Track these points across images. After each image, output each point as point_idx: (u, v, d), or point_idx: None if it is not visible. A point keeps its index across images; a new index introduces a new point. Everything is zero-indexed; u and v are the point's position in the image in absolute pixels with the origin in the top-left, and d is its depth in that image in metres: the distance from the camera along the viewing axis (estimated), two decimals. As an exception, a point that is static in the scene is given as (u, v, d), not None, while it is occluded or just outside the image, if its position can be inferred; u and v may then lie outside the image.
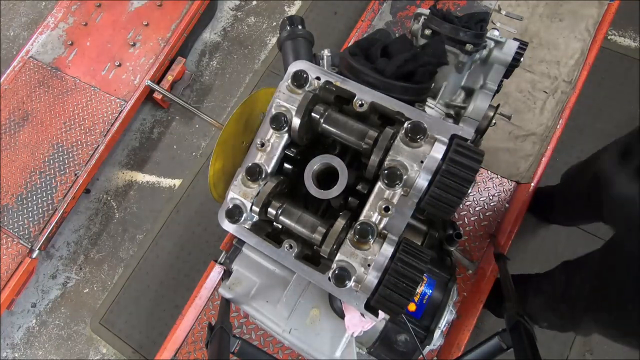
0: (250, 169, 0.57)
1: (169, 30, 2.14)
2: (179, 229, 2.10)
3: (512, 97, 1.64)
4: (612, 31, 2.07)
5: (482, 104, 0.78)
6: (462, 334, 1.24)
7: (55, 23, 2.25)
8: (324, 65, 0.77)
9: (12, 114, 2.10)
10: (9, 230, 1.91)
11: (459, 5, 1.78)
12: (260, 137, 0.59)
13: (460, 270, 1.40)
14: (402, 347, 0.82)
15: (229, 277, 0.90)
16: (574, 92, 1.59)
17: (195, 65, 2.39)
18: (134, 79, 2.09)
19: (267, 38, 2.41)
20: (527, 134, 1.58)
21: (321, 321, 0.82)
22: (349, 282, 0.51)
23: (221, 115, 2.28)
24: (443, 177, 0.48)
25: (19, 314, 2.08)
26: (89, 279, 2.10)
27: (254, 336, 1.40)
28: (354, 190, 0.60)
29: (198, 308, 1.43)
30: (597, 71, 1.69)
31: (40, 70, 2.16)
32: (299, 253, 0.58)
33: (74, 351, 2.00)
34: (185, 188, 2.18)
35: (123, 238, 2.14)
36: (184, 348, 1.43)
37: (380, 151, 0.52)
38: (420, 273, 0.49)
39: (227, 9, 2.49)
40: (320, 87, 0.59)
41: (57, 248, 2.15)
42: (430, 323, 0.83)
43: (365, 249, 0.51)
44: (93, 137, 2.00)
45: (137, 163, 2.26)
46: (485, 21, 0.82)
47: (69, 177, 1.96)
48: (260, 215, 0.58)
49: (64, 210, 1.91)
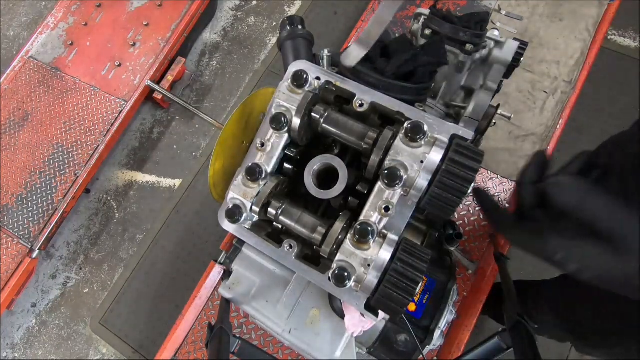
0: (250, 169, 0.57)
1: (169, 30, 2.14)
2: (179, 229, 2.11)
3: (512, 97, 1.64)
4: (612, 31, 2.07)
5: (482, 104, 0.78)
6: (462, 334, 1.24)
7: (55, 23, 2.25)
8: (324, 65, 0.77)
9: (12, 114, 2.10)
10: (9, 230, 1.91)
11: (459, 5, 1.78)
12: (260, 137, 0.59)
13: (460, 270, 1.39)
14: (402, 347, 0.82)
15: (229, 277, 0.90)
16: (574, 92, 1.59)
17: (195, 65, 2.40)
18: (134, 79, 2.09)
19: (267, 38, 2.41)
20: (527, 134, 1.58)
21: (321, 321, 0.82)
22: (349, 282, 0.51)
23: (221, 115, 2.28)
24: (443, 177, 0.48)
25: (19, 314, 2.08)
26: (89, 279, 2.10)
27: (254, 336, 1.40)
28: (354, 190, 0.60)
29: (198, 308, 1.43)
30: (597, 71, 1.68)
31: (40, 70, 2.16)
32: (299, 253, 0.58)
33: (74, 351, 2.00)
34: (185, 188, 2.18)
35: (123, 238, 2.14)
36: (184, 348, 1.43)
37: (380, 151, 0.52)
38: (420, 273, 0.49)
39: (227, 9, 2.49)
40: (320, 87, 0.59)
41: (57, 248, 2.15)
42: (430, 323, 0.84)
43: (365, 249, 0.51)
44: (93, 137, 2.00)
45: (137, 163, 2.26)
46: (485, 21, 0.82)
47: (69, 177, 1.96)
48: (260, 215, 0.58)
49: (64, 210, 1.91)
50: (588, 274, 0.45)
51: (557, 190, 0.45)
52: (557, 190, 0.45)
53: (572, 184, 0.44)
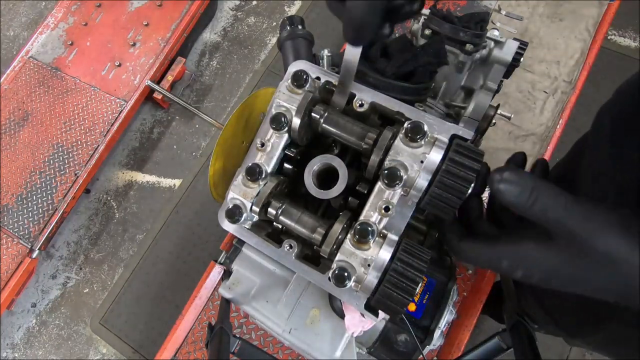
0: (250, 169, 0.57)
1: (169, 30, 2.14)
2: (179, 229, 2.11)
3: (512, 97, 1.64)
4: (612, 31, 2.07)
5: (482, 104, 0.78)
6: (462, 334, 1.24)
7: (55, 23, 2.25)
8: (324, 65, 0.77)
9: (12, 114, 2.10)
10: (9, 230, 1.91)
11: (459, 5, 1.78)
12: (260, 137, 0.59)
13: (460, 270, 1.39)
14: (402, 347, 0.82)
15: (229, 277, 0.90)
16: (574, 92, 1.59)
17: (195, 65, 2.40)
18: (134, 79, 2.09)
19: (267, 38, 2.41)
20: (527, 134, 1.58)
21: (321, 321, 0.82)
22: (349, 282, 0.51)
23: (221, 115, 2.28)
24: (443, 177, 0.48)
25: (19, 314, 2.08)
26: (89, 279, 2.10)
27: (254, 336, 1.40)
28: (354, 190, 0.60)
29: (198, 308, 1.43)
30: (597, 71, 1.69)
31: (40, 70, 2.16)
32: (299, 253, 0.58)
33: (74, 351, 2.00)
34: (185, 188, 2.18)
35: (123, 238, 2.14)
36: (184, 348, 1.43)
37: (380, 151, 0.52)
38: (420, 273, 0.49)
39: (227, 9, 2.49)
40: (320, 87, 0.59)
41: (57, 248, 2.15)
42: (430, 323, 0.83)
43: (365, 249, 0.51)
44: (93, 137, 2.00)
45: (137, 163, 2.26)
46: (485, 21, 0.82)
47: (69, 177, 1.96)
48: (260, 215, 0.58)
49: (64, 210, 1.91)
50: (535, 278, 0.43)
51: (502, 186, 0.42)
52: (502, 186, 0.42)
53: (516, 179, 0.41)
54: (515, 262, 0.44)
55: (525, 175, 0.42)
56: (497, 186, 0.42)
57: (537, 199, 0.40)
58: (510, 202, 0.42)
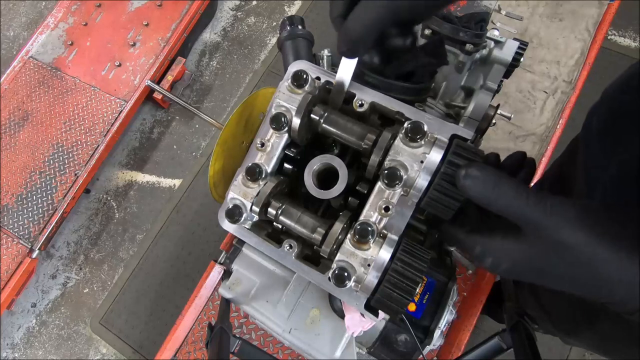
0: (250, 169, 0.57)
1: (169, 30, 2.14)
2: (179, 229, 2.11)
3: (512, 97, 1.64)
4: (612, 31, 2.07)
5: (482, 104, 0.78)
6: (462, 334, 1.24)
7: (55, 23, 2.25)
8: (324, 65, 0.77)
9: (12, 114, 2.10)
10: (9, 230, 1.91)
11: (459, 5, 1.77)
12: (260, 137, 0.59)
13: (460, 270, 1.39)
14: (402, 347, 0.82)
15: (229, 277, 0.90)
16: (574, 92, 1.59)
17: (195, 65, 2.40)
18: (134, 79, 2.09)
19: (267, 38, 2.41)
20: (527, 134, 1.58)
21: (321, 321, 0.82)
22: (349, 282, 0.51)
23: (221, 115, 2.28)
24: (443, 177, 0.48)
25: (19, 314, 2.08)
26: (89, 279, 2.10)
27: (254, 336, 1.40)
28: (354, 190, 0.60)
29: (198, 308, 1.43)
30: (597, 71, 1.69)
31: (40, 70, 2.16)
32: (299, 253, 0.58)
33: (74, 351, 2.00)
34: (185, 188, 2.18)
35: (123, 238, 2.14)
36: (184, 348, 1.43)
37: (380, 151, 0.52)
38: (420, 273, 0.49)
39: (227, 9, 2.49)
40: (320, 87, 0.59)
41: (57, 248, 2.15)
42: (430, 323, 0.83)
43: (365, 249, 0.51)
44: (93, 137, 2.00)
45: (137, 163, 2.26)
46: (485, 21, 0.82)
47: (69, 177, 1.96)
48: (260, 215, 0.58)
49: (64, 210, 1.91)
50: (502, 267, 0.44)
51: (467, 182, 0.43)
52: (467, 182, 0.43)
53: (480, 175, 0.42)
54: (486, 250, 0.46)
55: (489, 170, 0.43)
56: (462, 182, 0.43)
57: (500, 194, 0.42)
58: (474, 197, 0.43)
